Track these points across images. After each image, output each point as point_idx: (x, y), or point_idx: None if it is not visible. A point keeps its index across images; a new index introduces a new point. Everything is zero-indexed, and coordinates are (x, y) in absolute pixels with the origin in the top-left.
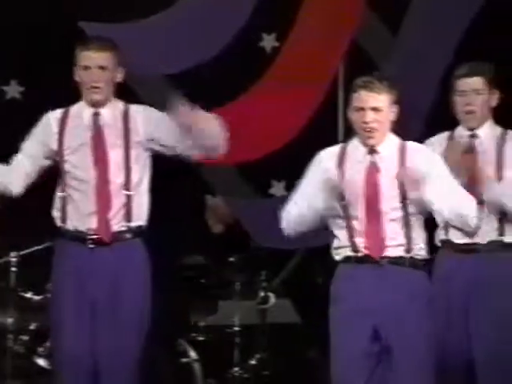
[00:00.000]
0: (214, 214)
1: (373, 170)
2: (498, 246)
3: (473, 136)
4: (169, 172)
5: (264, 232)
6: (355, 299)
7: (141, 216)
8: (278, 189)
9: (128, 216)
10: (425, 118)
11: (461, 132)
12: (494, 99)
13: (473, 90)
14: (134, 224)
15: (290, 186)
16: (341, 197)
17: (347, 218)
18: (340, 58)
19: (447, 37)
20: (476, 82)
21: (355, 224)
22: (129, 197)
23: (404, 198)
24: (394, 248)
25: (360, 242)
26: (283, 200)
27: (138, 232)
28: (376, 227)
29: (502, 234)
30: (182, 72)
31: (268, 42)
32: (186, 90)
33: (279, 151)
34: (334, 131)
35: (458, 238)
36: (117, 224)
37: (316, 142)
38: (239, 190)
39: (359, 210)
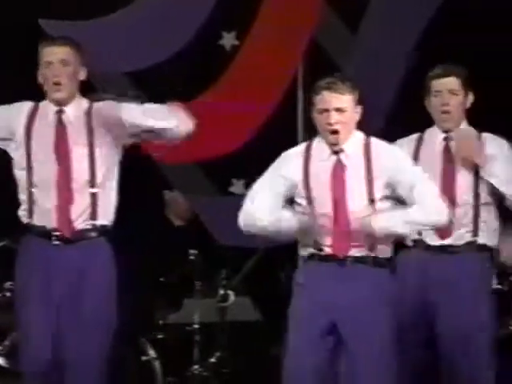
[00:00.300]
0: (174, 208)
1: (339, 169)
2: (471, 247)
3: (447, 138)
4: (130, 171)
5: (224, 230)
6: (316, 293)
7: (107, 215)
8: (238, 187)
9: (93, 214)
10: (384, 115)
11: (434, 133)
12: (469, 100)
13: (448, 91)
14: (99, 222)
15: (250, 185)
16: (308, 199)
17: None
18: (299, 57)
19: (406, 36)
20: (452, 82)
21: (322, 222)
22: (94, 195)
23: (372, 197)
24: (359, 247)
25: (326, 240)
26: (243, 198)
27: (103, 231)
28: (342, 226)
29: (475, 235)
30: (142, 70)
31: (228, 40)
32: (146, 88)
33: (239, 150)
34: (293, 129)
35: (432, 240)
36: (81, 222)
37: (276, 141)
38: (200, 188)
39: (326, 209)
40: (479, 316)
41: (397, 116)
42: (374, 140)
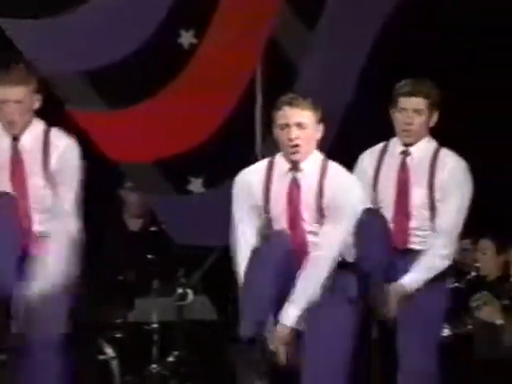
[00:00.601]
0: (130, 209)
1: (294, 187)
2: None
3: (404, 152)
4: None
5: (182, 229)
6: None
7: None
8: (195, 185)
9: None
10: (340, 118)
11: (395, 145)
12: (434, 119)
13: (414, 110)
14: None
15: (208, 183)
16: (266, 210)
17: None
18: (258, 55)
19: (364, 33)
20: (419, 102)
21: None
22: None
23: (322, 213)
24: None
25: None
26: (201, 197)
27: None
28: (297, 242)
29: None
30: (99, 68)
31: (186, 38)
32: (103, 87)
33: (197, 148)
34: (251, 127)
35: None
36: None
37: (234, 139)
38: (157, 187)
39: (282, 225)
40: (432, 312)
41: (357, 115)
42: (331, 164)
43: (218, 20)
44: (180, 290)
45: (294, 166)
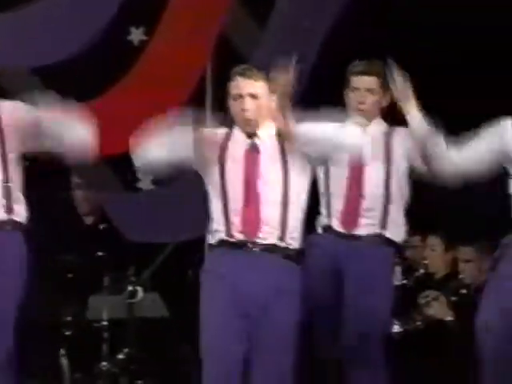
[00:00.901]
0: (78, 206)
1: (253, 152)
2: (377, 240)
3: None
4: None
5: (132, 226)
6: (224, 285)
7: (20, 212)
8: (145, 183)
9: (8, 208)
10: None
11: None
12: (386, 100)
13: (366, 89)
14: (14, 218)
15: (158, 181)
16: (221, 180)
17: (225, 200)
18: (209, 52)
19: (315, 29)
20: (371, 81)
21: (232, 207)
22: (7, 189)
23: (286, 182)
24: (268, 234)
25: (235, 225)
26: (151, 194)
27: (17, 226)
28: (252, 210)
29: (383, 228)
30: (50, 66)
31: (136, 35)
32: (54, 83)
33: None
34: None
35: (337, 227)
36: None
37: None
38: (107, 184)
39: (237, 192)
40: (376, 309)
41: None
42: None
43: (168, 17)
44: (130, 288)
45: (251, 134)
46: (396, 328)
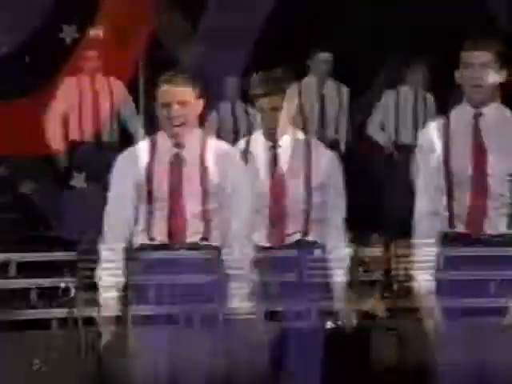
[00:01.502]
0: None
1: (178, 161)
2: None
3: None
4: None
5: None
6: (152, 291)
7: None
8: (78, 180)
9: None
10: None
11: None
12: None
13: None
14: None
15: (91, 178)
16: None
17: (153, 204)
18: (140, 51)
19: (249, 27)
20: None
21: (159, 211)
22: None
23: (206, 192)
24: (194, 235)
25: (160, 228)
26: (83, 191)
27: None
28: (179, 217)
29: (306, 234)
30: None
31: (68, 33)
32: None
33: (81, 143)
34: None
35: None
36: None
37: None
38: (40, 182)
39: (163, 200)
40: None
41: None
42: (215, 142)
43: (101, 15)
44: None
45: (177, 143)
46: (329, 324)
